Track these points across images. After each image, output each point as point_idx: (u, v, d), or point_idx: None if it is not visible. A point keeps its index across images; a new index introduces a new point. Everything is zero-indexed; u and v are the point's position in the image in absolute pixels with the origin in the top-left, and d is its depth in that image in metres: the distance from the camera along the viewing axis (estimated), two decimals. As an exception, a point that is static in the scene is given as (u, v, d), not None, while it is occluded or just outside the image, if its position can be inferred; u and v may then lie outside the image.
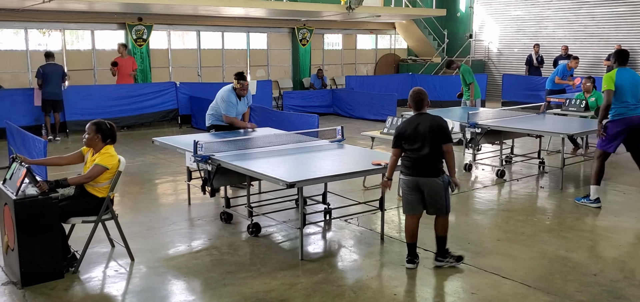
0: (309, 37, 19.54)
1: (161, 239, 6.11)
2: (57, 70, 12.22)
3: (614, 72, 6.92)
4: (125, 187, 8.15)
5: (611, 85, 6.83)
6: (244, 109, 8.07)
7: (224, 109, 7.80)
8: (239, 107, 7.94)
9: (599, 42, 18.52)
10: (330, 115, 16.13)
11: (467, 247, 5.75)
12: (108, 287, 4.94)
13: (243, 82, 7.82)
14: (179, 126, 14.14)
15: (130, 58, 14.72)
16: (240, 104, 7.93)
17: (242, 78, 7.84)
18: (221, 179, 6.21)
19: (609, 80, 6.86)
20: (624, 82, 6.86)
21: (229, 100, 7.80)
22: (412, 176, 5.12)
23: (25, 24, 14.84)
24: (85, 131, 5.30)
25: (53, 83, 12.04)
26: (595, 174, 7.14)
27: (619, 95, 6.85)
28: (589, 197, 7.15)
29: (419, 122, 5.09)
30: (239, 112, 7.96)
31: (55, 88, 12.10)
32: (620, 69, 6.98)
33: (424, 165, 5.06)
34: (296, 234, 5.91)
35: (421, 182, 5.09)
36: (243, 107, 8.01)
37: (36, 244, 4.81)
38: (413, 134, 5.07)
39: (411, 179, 5.13)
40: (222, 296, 4.69)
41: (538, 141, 9.48)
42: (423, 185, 5.10)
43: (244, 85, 7.82)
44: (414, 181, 5.11)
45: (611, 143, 7.06)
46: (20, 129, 8.97)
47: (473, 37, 22.02)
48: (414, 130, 5.07)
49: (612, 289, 4.80)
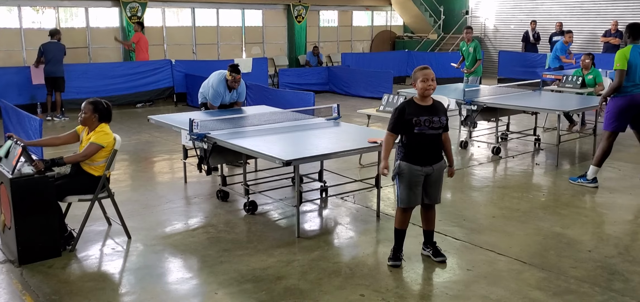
0: (304, 14, 19.43)
1: (158, 217, 6.13)
2: (59, 48, 12.17)
3: (627, 49, 6.61)
4: (122, 166, 8.14)
5: (624, 64, 6.54)
6: (233, 99, 7.94)
7: (210, 96, 7.73)
8: (226, 98, 7.82)
9: (596, 17, 18.47)
10: (326, 92, 16.10)
11: (462, 224, 5.78)
12: (105, 265, 4.96)
13: (236, 75, 7.66)
14: (175, 104, 14.10)
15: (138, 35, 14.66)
16: (228, 95, 7.81)
17: (236, 71, 7.68)
18: (217, 157, 6.21)
19: (622, 59, 6.56)
20: (637, 60, 6.59)
21: (217, 89, 7.70)
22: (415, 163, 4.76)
23: (18, 1, 14.71)
24: (82, 110, 5.27)
25: (52, 61, 12.03)
26: (600, 154, 6.90)
27: (629, 74, 6.59)
28: (586, 177, 7.04)
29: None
30: (225, 102, 7.85)
31: (54, 66, 12.06)
32: (635, 46, 6.64)
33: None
34: (292, 212, 5.93)
35: None
36: (232, 98, 7.91)
37: (33, 222, 4.82)
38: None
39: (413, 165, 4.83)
40: (219, 273, 4.71)
41: (534, 118, 9.50)
42: None
43: (236, 78, 7.67)
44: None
45: (617, 122, 6.80)
46: (15, 108, 8.93)
47: (469, 14, 21.93)
48: None
49: (607, 265, 4.84)
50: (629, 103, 6.74)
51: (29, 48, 14.92)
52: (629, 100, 6.72)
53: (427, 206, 4.86)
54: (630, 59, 6.57)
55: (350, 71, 16.61)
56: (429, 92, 4.61)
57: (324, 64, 18.95)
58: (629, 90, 6.68)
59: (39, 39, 15.09)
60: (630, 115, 6.84)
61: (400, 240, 4.87)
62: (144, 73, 13.85)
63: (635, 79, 6.65)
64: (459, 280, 4.60)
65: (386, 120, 8.86)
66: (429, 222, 4.95)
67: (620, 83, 6.61)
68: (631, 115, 6.86)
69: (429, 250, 4.97)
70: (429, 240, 5.00)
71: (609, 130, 6.90)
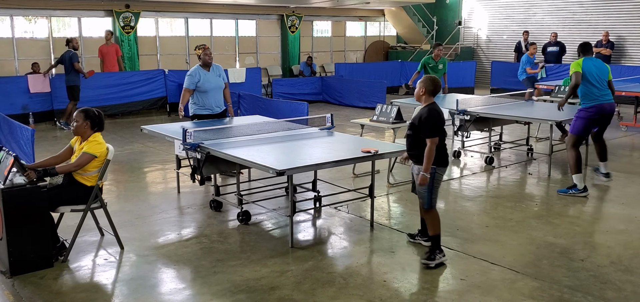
0: (298, 24, 19.48)
1: (151, 227, 6.10)
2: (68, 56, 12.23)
3: (580, 60, 7.23)
4: (114, 176, 8.11)
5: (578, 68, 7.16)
6: (218, 83, 7.70)
7: (187, 83, 7.53)
8: (212, 81, 7.59)
9: (588, 29, 18.60)
10: (319, 102, 16.13)
11: (456, 234, 5.79)
12: (98, 276, 4.93)
13: (203, 46, 7.65)
14: (168, 114, 14.08)
15: (114, 45, 14.60)
16: (210, 76, 7.59)
17: (202, 45, 7.73)
18: (210, 167, 6.20)
19: (576, 66, 7.18)
20: (592, 69, 7.17)
21: (190, 73, 7.57)
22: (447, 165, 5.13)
23: (10, 11, 14.68)
24: (73, 119, 5.26)
25: (66, 70, 12.25)
26: (574, 164, 7.19)
27: (591, 82, 7.13)
28: (576, 187, 7.14)
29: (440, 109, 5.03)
30: (212, 87, 7.60)
31: (66, 74, 12.24)
32: (586, 58, 7.27)
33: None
34: (286, 222, 5.92)
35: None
36: (215, 80, 7.65)
37: (25, 233, 4.79)
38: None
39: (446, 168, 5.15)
40: (212, 284, 4.69)
41: (526, 128, 9.54)
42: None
43: (206, 50, 7.59)
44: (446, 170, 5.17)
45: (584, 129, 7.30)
46: (7, 118, 8.89)
47: (462, 24, 22.05)
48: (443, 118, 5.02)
49: (599, 274, 4.85)
50: (599, 112, 7.19)
51: (21, 58, 14.89)
52: (599, 109, 7.18)
53: None
54: (585, 69, 7.12)
55: (343, 81, 16.64)
56: None
57: (318, 74, 18.99)
58: (597, 99, 7.17)
59: (32, 48, 15.12)
60: (598, 124, 7.38)
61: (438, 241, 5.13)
62: (137, 83, 13.84)
63: (600, 86, 7.16)
64: (452, 290, 4.60)
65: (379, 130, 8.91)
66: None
67: (577, 81, 7.12)
68: (598, 124, 7.39)
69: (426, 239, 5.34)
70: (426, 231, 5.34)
71: (575, 133, 7.30)
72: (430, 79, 5.06)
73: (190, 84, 7.55)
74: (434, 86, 5.01)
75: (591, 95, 7.15)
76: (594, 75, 7.14)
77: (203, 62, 7.64)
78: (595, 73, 7.15)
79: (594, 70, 7.16)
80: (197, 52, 7.69)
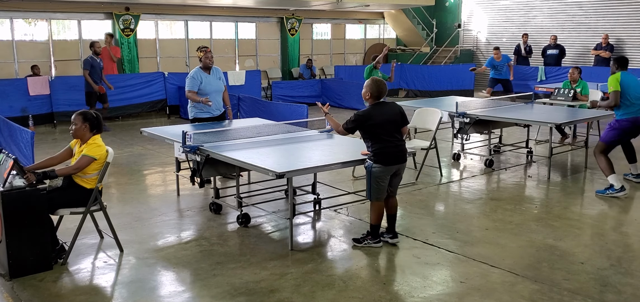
0: (297, 27, 19.49)
1: (150, 230, 6.10)
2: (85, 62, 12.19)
3: (618, 75, 7.29)
4: (114, 178, 8.11)
5: (617, 86, 7.24)
6: (218, 86, 7.73)
7: (188, 85, 7.56)
8: (213, 84, 7.62)
9: (587, 31, 18.63)
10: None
11: (455, 236, 5.79)
12: (97, 279, 4.92)
13: (204, 49, 7.63)
14: (168, 116, 14.07)
15: (113, 48, 14.58)
16: (211, 79, 7.61)
17: (203, 47, 7.70)
18: (210, 169, 6.20)
19: (614, 82, 7.25)
20: (632, 82, 7.27)
21: (192, 76, 7.60)
22: (395, 163, 5.33)
23: (10, 13, 14.68)
24: (72, 122, 5.25)
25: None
26: (605, 166, 7.31)
27: (630, 98, 7.25)
28: (613, 187, 7.25)
29: (383, 111, 5.34)
30: (213, 90, 7.62)
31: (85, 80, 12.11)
32: (624, 72, 7.36)
33: (403, 151, 5.38)
34: (286, 225, 5.92)
35: (401, 168, 5.43)
36: (216, 83, 7.68)
37: (24, 235, 4.78)
38: (385, 122, 5.28)
39: (394, 167, 5.34)
40: (212, 287, 4.69)
41: (526, 131, 9.54)
42: (400, 170, 5.44)
43: (207, 53, 7.60)
44: (396, 168, 5.36)
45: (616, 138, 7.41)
46: (7, 120, 8.89)
47: (461, 27, 22.07)
48: (386, 119, 5.29)
49: (599, 277, 4.85)
50: (633, 124, 7.35)
51: (21, 60, 14.89)
52: (633, 122, 7.34)
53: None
54: (623, 84, 7.23)
55: (343, 84, 16.65)
56: None
57: (317, 76, 18.99)
58: (634, 113, 7.30)
59: (31, 51, 15.12)
60: (630, 135, 7.54)
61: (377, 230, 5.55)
62: (137, 85, 13.84)
63: (636, 101, 7.28)
64: (452, 292, 4.60)
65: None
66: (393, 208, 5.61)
67: (616, 103, 7.24)
68: (630, 135, 7.55)
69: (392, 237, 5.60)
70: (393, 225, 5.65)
71: (606, 142, 7.39)
72: (376, 82, 5.41)
73: (193, 86, 7.55)
74: (379, 89, 5.38)
75: (628, 108, 7.27)
76: (632, 90, 7.23)
77: (204, 64, 7.63)
78: (633, 87, 7.25)
79: (632, 84, 7.27)
80: (199, 54, 7.65)
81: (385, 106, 5.39)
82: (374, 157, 5.28)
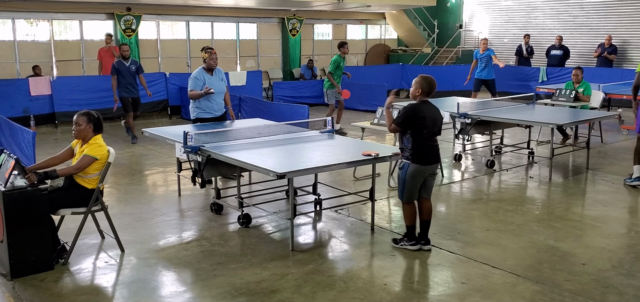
0: (299, 27, 19.49)
1: (151, 230, 6.10)
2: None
3: None
4: (115, 179, 8.11)
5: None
6: (221, 87, 7.76)
7: (191, 85, 7.60)
8: (215, 85, 7.64)
9: (589, 32, 18.60)
10: (320, 105, 16.10)
11: (456, 237, 5.78)
12: (98, 279, 4.93)
13: (210, 50, 7.65)
14: (169, 117, 14.08)
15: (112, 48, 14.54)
16: (214, 80, 7.64)
17: (208, 48, 7.70)
18: (211, 170, 6.20)
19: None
20: None
21: (195, 76, 7.63)
22: (432, 163, 5.33)
23: (12, 14, 14.69)
24: (74, 123, 5.25)
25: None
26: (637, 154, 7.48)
27: None
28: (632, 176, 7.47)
29: (430, 109, 5.29)
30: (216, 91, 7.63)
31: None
32: None
33: (438, 152, 5.39)
34: (287, 225, 5.92)
35: (435, 168, 5.41)
36: (218, 84, 7.71)
37: (25, 235, 4.79)
38: (430, 120, 5.23)
39: (431, 167, 5.34)
40: (213, 287, 4.69)
41: (527, 131, 9.53)
42: (434, 170, 5.42)
43: (211, 54, 7.61)
44: (431, 168, 5.35)
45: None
46: (8, 120, 8.90)
47: (463, 28, 22.05)
48: (432, 117, 5.25)
49: (601, 278, 4.84)
50: None
51: (22, 60, 14.90)
52: None
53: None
54: None
55: (344, 84, 16.60)
56: None
57: (319, 77, 18.97)
58: None
59: (33, 51, 15.13)
60: None
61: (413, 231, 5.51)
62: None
63: None
64: (453, 293, 4.59)
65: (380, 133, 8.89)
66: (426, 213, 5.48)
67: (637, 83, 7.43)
68: None
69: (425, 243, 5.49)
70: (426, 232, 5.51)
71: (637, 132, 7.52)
72: (427, 78, 5.31)
73: (196, 87, 7.57)
74: (429, 86, 5.27)
75: None
76: None
77: (207, 66, 7.66)
78: None
79: None
80: (203, 55, 7.66)
81: (431, 105, 5.35)
82: (411, 155, 5.22)
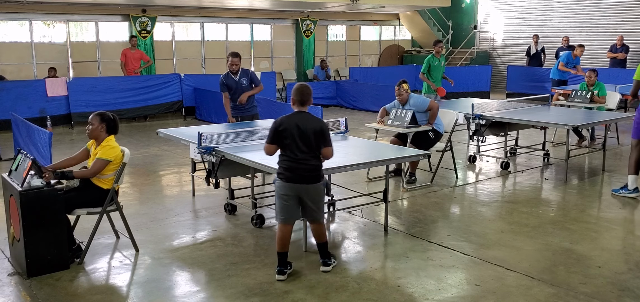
0: (312, 29, 19.51)
1: (166, 230, 6.13)
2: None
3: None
4: (130, 179, 8.17)
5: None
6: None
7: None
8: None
9: (605, 32, 18.43)
10: (334, 107, 16.12)
11: (471, 239, 5.75)
12: (113, 278, 4.97)
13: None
14: (183, 118, 14.16)
15: (138, 51, 14.68)
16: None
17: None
18: (225, 170, 6.22)
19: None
20: None
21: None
22: (294, 182, 4.70)
23: (29, 15, 14.87)
24: (89, 122, 5.30)
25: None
26: (633, 163, 7.16)
27: None
28: (627, 187, 7.16)
29: (301, 120, 4.69)
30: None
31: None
32: None
33: (305, 171, 4.69)
34: (300, 226, 5.92)
35: (304, 191, 4.71)
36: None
37: (41, 235, 4.84)
38: (298, 135, 4.65)
39: (295, 186, 4.70)
40: (226, 287, 4.71)
41: (543, 133, 9.46)
42: (304, 193, 4.72)
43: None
44: (297, 189, 4.70)
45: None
46: (25, 121, 9.00)
47: (478, 28, 21.95)
48: (301, 131, 4.64)
49: (617, 281, 4.79)
50: None
51: (39, 62, 15.07)
52: None
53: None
54: None
55: (358, 85, 16.63)
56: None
57: (332, 78, 18.98)
58: None
59: (50, 53, 15.30)
60: None
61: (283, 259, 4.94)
62: (153, 87, 13.92)
63: None
64: (467, 295, 4.57)
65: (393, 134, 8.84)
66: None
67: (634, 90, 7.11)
68: None
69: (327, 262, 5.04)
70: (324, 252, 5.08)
71: (636, 138, 7.15)
72: (300, 87, 4.82)
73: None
74: (302, 95, 4.76)
75: None
76: None
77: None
78: None
79: None
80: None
81: (305, 116, 4.79)
82: (277, 169, 4.77)
